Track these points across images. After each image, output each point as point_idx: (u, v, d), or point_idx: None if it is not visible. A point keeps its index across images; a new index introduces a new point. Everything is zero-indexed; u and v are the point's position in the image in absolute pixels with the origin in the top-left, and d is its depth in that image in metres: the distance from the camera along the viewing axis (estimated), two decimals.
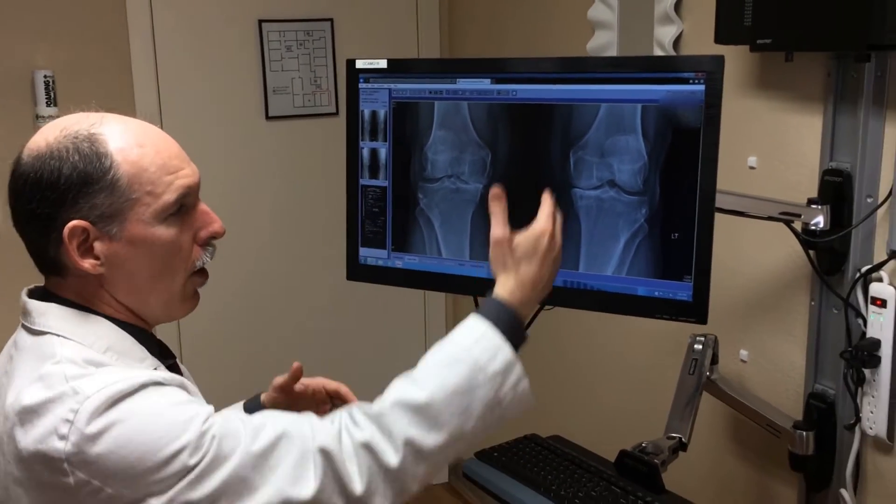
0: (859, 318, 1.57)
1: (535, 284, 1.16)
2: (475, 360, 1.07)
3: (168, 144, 1.09)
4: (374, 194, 1.46)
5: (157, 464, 0.95)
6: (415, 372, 1.09)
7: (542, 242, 1.17)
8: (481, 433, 1.08)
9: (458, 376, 1.06)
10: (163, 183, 1.06)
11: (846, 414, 1.61)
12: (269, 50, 2.74)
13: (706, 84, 1.21)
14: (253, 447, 0.99)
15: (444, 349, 1.10)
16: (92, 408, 0.95)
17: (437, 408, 1.04)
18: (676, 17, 1.93)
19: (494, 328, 1.10)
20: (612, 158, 1.28)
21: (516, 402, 1.10)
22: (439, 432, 1.04)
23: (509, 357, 1.09)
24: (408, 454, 1.03)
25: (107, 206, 1.03)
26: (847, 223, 1.56)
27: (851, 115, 1.55)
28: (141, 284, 1.08)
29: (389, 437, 1.03)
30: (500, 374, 1.08)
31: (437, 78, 1.39)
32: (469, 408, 1.05)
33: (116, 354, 1.05)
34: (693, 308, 1.25)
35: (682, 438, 1.56)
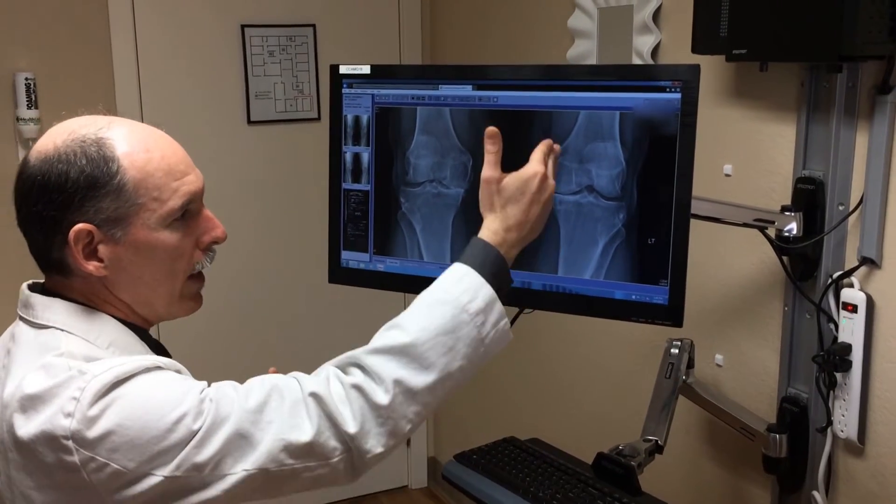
0: (831, 322, 1.60)
1: (521, 226, 1.18)
2: (456, 299, 1.10)
3: (174, 150, 1.11)
4: (357, 198, 1.48)
5: (162, 432, 0.97)
6: (398, 318, 1.12)
7: (532, 184, 1.19)
8: (469, 372, 1.11)
9: (441, 317, 1.09)
10: (169, 189, 1.07)
11: (818, 417, 1.64)
12: (251, 55, 2.75)
13: (682, 92, 1.24)
14: (248, 404, 1.02)
15: (426, 294, 1.13)
16: (99, 385, 0.97)
17: (422, 348, 1.07)
18: (655, 27, 1.96)
19: (475, 269, 1.13)
20: (590, 164, 1.31)
21: (498, 340, 1.13)
22: (427, 372, 1.07)
23: (490, 296, 1.12)
24: (398, 393, 1.05)
25: (112, 210, 1.04)
26: (819, 230, 1.59)
27: (824, 124, 1.58)
28: (142, 286, 1.10)
29: (378, 379, 1.06)
30: (482, 313, 1.10)
31: (420, 84, 1.42)
32: (454, 347, 1.08)
33: (119, 350, 1.07)
34: (669, 311, 1.28)
35: (658, 441, 1.58)
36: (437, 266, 1.43)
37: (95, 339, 1.06)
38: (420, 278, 1.44)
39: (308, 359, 3.04)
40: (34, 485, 1.01)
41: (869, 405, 1.57)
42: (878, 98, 1.48)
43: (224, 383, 1.06)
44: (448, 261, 1.42)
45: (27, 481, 1.01)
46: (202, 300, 1.19)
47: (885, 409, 1.55)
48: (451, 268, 1.15)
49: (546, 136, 1.33)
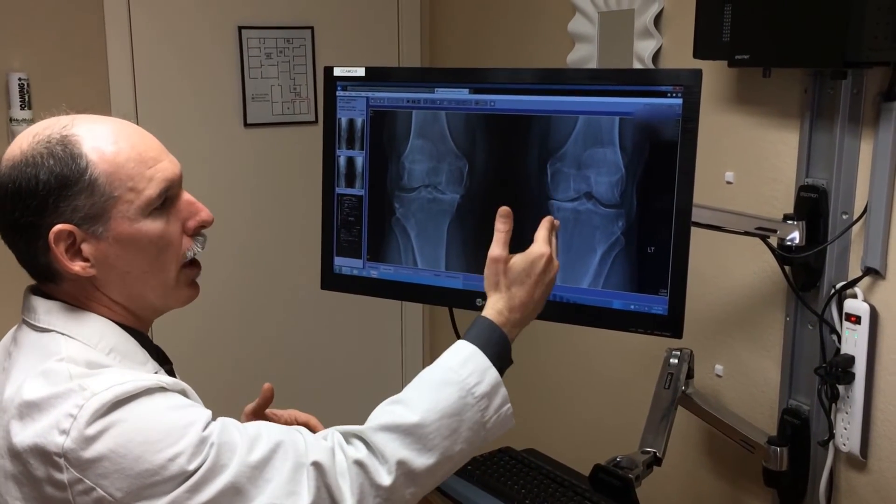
0: (833, 334, 1.57)
1: (525, 307, 1.17)
2: (463, 381, 1.08)
3: (144, 139, 1.08)
4: (350, 203, 1.45)
5: (155, 467, 0.94)
6: (403, 394, 1.09)
7: (538, 266, 1.18)
8: (467, 455, 1.09)
9: (448, 398, 1.07)
10: (143, 177, 1.05)
11: (820, 430, 1.61)
12: (248, 57, 2.72)
13: (684, 98, 1.21)
14: (250, 458, 0.98)
15: (433, 372, 1.11)
16: (97, 405, 0.95)
17: (427, 429, 1.05)
18: (656, 32, 1.93)
19: (482, 351, 1.11)
20: (589, 171, 1.28)
21: (499, 425, 1.11)
22: (430, 454, 1.05)
23: (495, 380, 1.10)
24: (400, 474, 1.03)
25: (89, 206, 1.02)
26: (822, 239, 1.57)
27: (828, 131, 1.56)
28: (134, 281, 1.08)
29: (382, 458, 1.03)
30: (486, 397, 1.09)
31: (415, 87, 1.39)
32: (458, 430, 1.06)
33: (119, 356, 1.05)
34: (668, 322, 1.25)
35: (656, 453, 1.56)
36: (432, 273, 1.40)
37: (97, 344, 1.04)
38: (414, 286, 1.42)
39: (304, 365, 3.01)
40: (21, 496, 0.98)
41: (872, 418, 1.54)
42: (884, 105, 1.45)
43: (229, 424, 1.02)
44: (442, 268, 1.39)
45: (15, 492, 0.99)
46: (199, 288, 1.17)
47: (888, 423, 1.52)
48: (457, 346, 1.13)
49: (543, 141, 1.30)
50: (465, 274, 1.37)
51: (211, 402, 1.44)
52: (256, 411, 1.35)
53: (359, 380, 2.97)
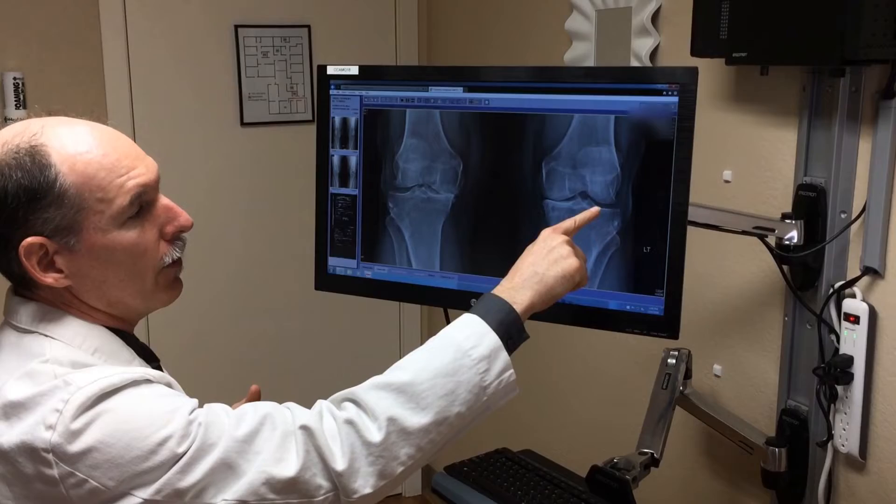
0: (832, 334, 1.55)
1: (521, 273, 1.13)
2: (458, 344, 1.06)
3: (116, 145, 1.06)
4: (344, 203, 1.44)
5: (145, 453, 0.94)
6: (400, 360, 1.08)
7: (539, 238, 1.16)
8: (467, 420, 1.06)
9: (441, 359, 1.05)
10: (113, 187, 1.03)
11: (819, 430, 1.60)
12: (244, 55, 2.71)
13: (680, 96, 1.20)
14: (237, 433, 0.98)
15: (430, 340, 1.09)
16: (83, 398, 0.94)
17: (420, 387, 1.03)
18: (654, 30, 1.92)
19: (480, 316, 1.09)
20: (584, 170, 1.27)
21: (501, 391, 1.08)
22: (423, 413, 1.02)
23: (494, 343, 1.07)
24: (391, 431, 1.01)
25: (59, 218, 1.00)
26: (821, 238, 1.55)
27: (826, 129, 1.54)
28: (111, 290, 1.06)
29: (372, 415, 1.02)
30: (485, 360, 1.06)
31: (409, 85, 1.38)
32: (454, 391, 1.04)
33: (105, 356, 1.04)
34: (664, 323, 1.24)
35: (654, 454, 1.55)
36: (426, 273, 1.39)
37: (81, 345, 1.03)
38: (408, 286, 1.41)
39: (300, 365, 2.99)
40: (12, 496, 0.98)
41: (871, 419, 1.52)
42: (882, 103, 1.43)
43: (216, 406, 1.02)
44: (437, 268, 1.38)
45: (5, 491, 0.98)
46: (181, 285, 1.15)
47: (887, 424, 1.50)
48: (459, 318, 1.11)
49: (538, 140, 1.29)
50: (459, 274, 1.36)
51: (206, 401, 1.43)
52: None
53: (355, 381, 2.95)
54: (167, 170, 2.72)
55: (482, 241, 1.34)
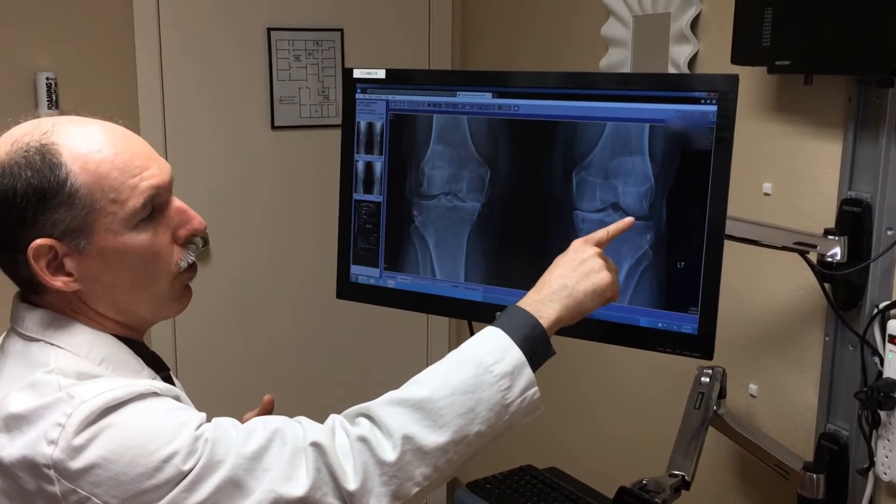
0: (876, 356, 1.49)
1: (549, 286, 1.08)
2: (481, 359, 1.01)
3: (129, 144, 1.03)
4: (368, 210, 1.40)
5: (150, 470, 0.90)
6: (418, 375, 1.03)
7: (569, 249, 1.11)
8: (487, 440, 1.01)
9: (461, 375, 1.00)
10: (126, 188, 1.00)
11: (859, 457, 1.53)
12: (276, 59, 2.69)
13: (718, 105, 1.14)
14: (245, 449, 0.94)
15: (450, 354, 1.05)
16: (87, 412, 0.91)
17: (438, 404, 0.98)
18: (693, 36, 1.86)
19: (505, 332, 1.03)
20: (616, 180, 1.21)
21: (524, 410, 1.03)
22: (441, 431, 0.97)
23: (518, 359, 1.02)
24: (407, 450, 0.96)
25: (70, 219, 0.97)
26: (865, 256, 1.49)
27: (873, 142, 1.48)
28: (122, 295, 1.03)
29: (387, 432, 0.97)
30: (507, 376, 1.00)
31: (437, 90, 1.33)
32: (474, 409, 0.99)
33: (112, 366, 1.01)
34: (698, 342, 1.18)
35: (685, 476, 1.49)
36: (450, 284, 1.35)
37: (87, 354, 1.00)
38: (432, 297, 1.36)
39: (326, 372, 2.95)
40: None
41: None
42: None
43: (224, 420, 0.98)
44: (462, 279, 1.34)
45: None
46: (191, 293, 1.11)
47: None
48: (482, 331, 1.06)
49: (569, 148, 1.24)
50: (484, 286, 1.32)
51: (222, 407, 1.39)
52: None
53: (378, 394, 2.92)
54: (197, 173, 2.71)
55: (509, 252, 1.29)
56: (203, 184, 2.62)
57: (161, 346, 2.62)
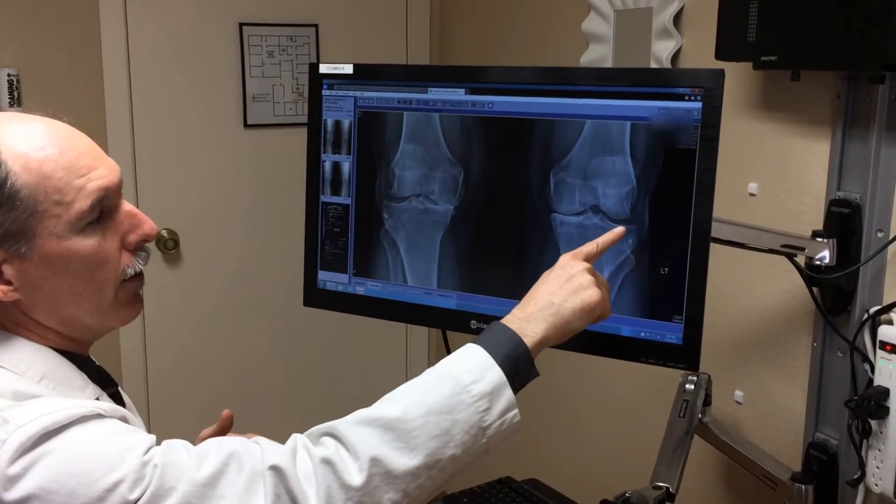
0: (866, 363, 1.43)
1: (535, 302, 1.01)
2: (457, 377, 0.94)
3: (75, 143, 0.96)
4: (336, 212, 1.33)
5: (92, 500, 0.83)
6: (392, 392, 0.96)
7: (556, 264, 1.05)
8: (462, 465, 0.94)
9: (436, 394, 0.93)
10: (72, 189, 0.93)
11: (849, 467, 1.48)
12: (249, 55, 2.61)
13: (703, 101, 1.08)
14: (199, 475, 0.86)
15: (427, 371, 0.98)
16: (22, 438, 0.83)
17: (410, 425, 0.91)
18: (675, 31, 1.80)
19: (484, 348, 0.97)
20: (596, 181, 1.15)
21: (503, 433, 0.96)
22: (413, 454, 0.90)
23: (498, 379, 0.95)
24: (375, 474, 0.89)
25: (10, 222, 0.90)
26: (855, 259, 1.43)
27: (862, 140, 1.42)
28: (65, 304, 0.96)
29: (353, 454, 0.90)
30: (486, 397, 0.94)
31: (407, 86, 1.27)
32: (449, 431, 0.92)
33: (53, 383, 0.94)
34: (683, 352, 1.12)
35: (669, 488, 1.43)
36: (423, 291, 1.28)
37: (26, 371, 0.93)
38: (403, 304, 1.30)
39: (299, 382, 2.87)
40: None
41: None
42: None
43: (175, 443, 0.90)
44: (434, 285, 1.27)
45: None
46: (142, 302, 1.04)
47: None
48: (462, 348, 0.99)
49: (546, 147, 1.17)
50: (459, 293, 1.25)
51: (201, 413, 1.32)
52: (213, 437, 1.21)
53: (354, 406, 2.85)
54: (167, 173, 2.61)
55: (484, 257, 1.23)
56: (173, 185, 2.54)
57: (129, 352, 2.54)
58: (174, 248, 2.54)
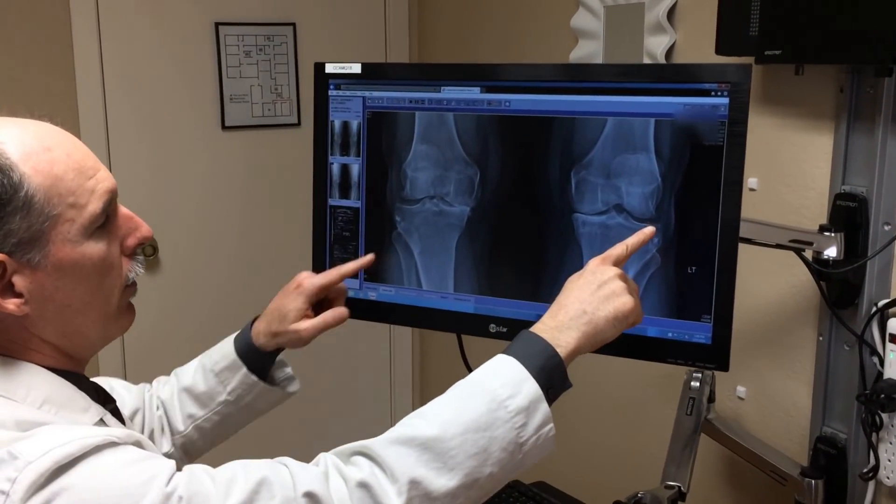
0: (875, 356, 1.43)
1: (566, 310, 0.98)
2: (493, 393, 0.91)
3: (76, 144, 0.92)
4: (345, 216, 1.29)
5: None
6: (424, 407, 0.93)
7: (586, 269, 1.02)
8: (498, 482, 0.92)
9: (473, 410, 0.90)
10: (85, 191, 0.88)
11: (859, 461, 1.48)
12: (226, 55, 2.55)
13: (730, 97, 1.06)
14: None
15: (460, 385, 0.94)
16: (34, 476, 0.77)
17: (448, 444, 0.88)
18: (669, 27, 1.79)
19: (518, 360, 0.94)
20: (619, 180, 1.13)
21: (538, 448, 0.93)
22: (451, 474, 0.87)
23: (534, 393, 0.92)
24: (414, 496, 0.86)
25: (24, 230, 0.85)
26: (861, 252, 1.43)
27: (867, 133, 1.42)
28: (74, 315, 0.91)
29: (390, 476, 0.86)
30: (523, 413, 0.91)
31: (419, 85, 1.23)
32: (487, 448, 0.89)
33: (55, 408, 0.88)
34: (712, 353, 1.10)
35: (681, 488, 1.42)
36: (438, 295, 1.25)
37: (25, 398, 0.86)
38: (418, 309, 1.26)
39: None
40: None
41: None
42: None
43: (197, 470, 0.85)
44: (451, 289, 1.24)
45: None
46: (135, 311, 1.00)
47: None
48: (492, 359, 0.96)
49: (566, 146, 1.15)
50: (476, 296, 1.22)
51: None
52: (327, 286, 1.22)
53: (338, 407, 2.81)
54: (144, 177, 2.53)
55: (502, 258, 1.20)
56: (150, 189, 2.47)
57: (108, 362, 2.47)
58: (153, 254, 2.47)
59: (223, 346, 1.29)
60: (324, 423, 2.73)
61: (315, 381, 2.78)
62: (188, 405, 1.26)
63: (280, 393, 1.28)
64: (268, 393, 1.26)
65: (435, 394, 0.94)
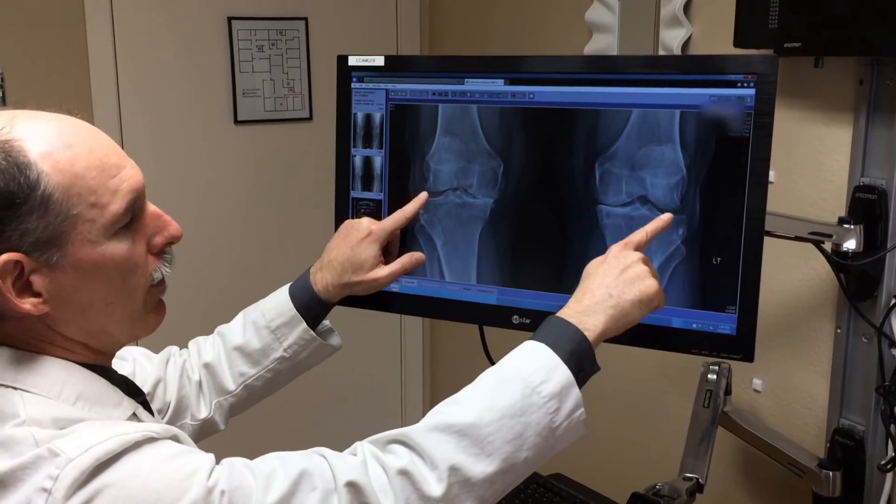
0: (893, 348, 1.43)
1: (592, 294, 0.99)
2: (527, 379, 0.92)
3: (101, 140, 0.89)
4: (368, 208, 1.30)
5: None
6: (458, 394, 0.93)
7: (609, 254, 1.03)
8: (532, 466, 0.93)
9: (508, 396, 0.91)
10: (106, 189, 0.86)
11: (877, 453, 1.48)
12: (238, 49, 2.56)
13: (757, 88, 1.06)
14: (268, 499, 0.82)
15: (492, 372, 0.95)
16: (76, 474, 0.77)
17: (485, 430, 0.89)
18: (685, 19, 1.79)
19: (549, 346, 0.95)
20: (644, 171, 1.13)
21: (570, 432, 0.95)
22: (489, 460, 0.88)
23: (566, 379, 0.93)
24: (454, 483, 0.87)
25: (41, 229, 0.83)
26: (881, 244, 1.43)
27: (887, 126, 1.42)
28: (96, 315, 0.89)
29: (430, 463, 0.87)
30: (556, 398, 0.92)
31: (442, 77, 1.23)
32: (523, 434, 0.90)
33: (89, 404, 0.88)
34: (737, 343, 1.11)
35: (699, 479, 1.42)
36: (461, 287, 1.25)
37: (60, 394, 0.86)
38: (441, 301, 1.27)
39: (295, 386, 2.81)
40: None
41: None
42: None
43: (237, 463, 0.85)
44: (473, 281, 1.24)
45: None
46: (165, 308, 0.99)
47: None
48: (521, 345, 0.97)
49: (591, 138, 1.15)
50: (499, 288, 1.22)
51: None
52: (396, 231, 1.24)
53: (350, 393, 2.81)
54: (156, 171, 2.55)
55: (525, 250, 1.20)
56: (162, 183, 2.47)
57: None
58: None
59: (277, 303, 1.28)
60: (335, 416, 2.73)
61: (326, 374, 2.78)
62: (239, 364, 1.24)
63: (329, 348, 1.27)
64: (321, 348, 1.25)
65: (445, 387, 0.95)
